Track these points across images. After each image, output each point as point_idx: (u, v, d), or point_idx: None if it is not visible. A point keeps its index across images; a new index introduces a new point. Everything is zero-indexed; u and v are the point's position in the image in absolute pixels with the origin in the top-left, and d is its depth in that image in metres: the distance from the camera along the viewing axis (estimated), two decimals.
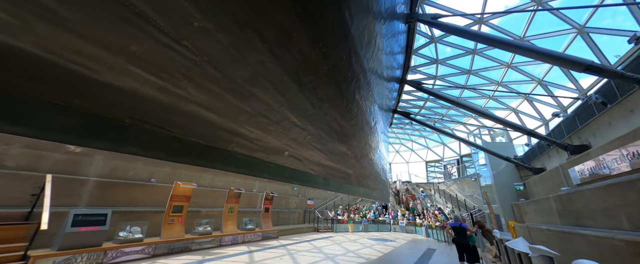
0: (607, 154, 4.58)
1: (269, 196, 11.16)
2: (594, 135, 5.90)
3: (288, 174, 3.78)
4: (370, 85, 5.71)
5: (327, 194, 19.25)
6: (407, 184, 21.63)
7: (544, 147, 8.96)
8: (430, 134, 22.01)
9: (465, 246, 5.75)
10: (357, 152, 6.49)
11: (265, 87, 2.53)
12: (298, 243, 9.56)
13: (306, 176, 4.44)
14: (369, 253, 8.20)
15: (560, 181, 7.04)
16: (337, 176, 5.76)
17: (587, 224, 5.10)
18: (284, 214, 14.21)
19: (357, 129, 5.97)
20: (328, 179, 5.42)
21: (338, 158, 5.50)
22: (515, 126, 7.08)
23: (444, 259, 7.75)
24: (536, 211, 8.41)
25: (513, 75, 10.34)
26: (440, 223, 14.02)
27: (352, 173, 6.80)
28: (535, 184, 9.32)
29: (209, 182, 10.35)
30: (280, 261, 6.30)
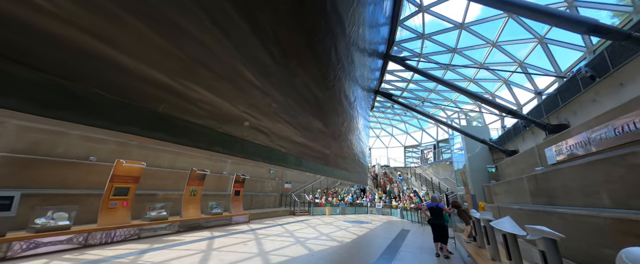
0: (591, 130, 4.35)
1: (240, 178, 10.30)
2: (574, 114, 5.76)
3: (251, 150, 2.96)
4: (350, 50, 4.92)
5: (305, 177, 18.80)
6: (386, 168, 21.89)
7: (519, 130, 8.99)
8: (410, 119, 22.12)
9: (441, 226, 5.50)
10: (335, 131, 5.81)
11: (199, 19, 1.61)
12: (270, 226, 8.97)
13: (274, 153, 3.66)
14: (343, 235, 7.85)
15: (534, 161, 7.02)
16: (312, 156, 5.07)
17: (562, 203, 4.99)
18: (259, 197, 13.52)
19: (335, 102, 5.22)
20: (301, 159, 4.71)
21: (313, 136, 4.78)
22: (497, 104, 6.81)
23: (417, 240, 7.63)
24: (507, 192, 8.54)
25: (496, 56, 10.11)
26: (415, 205, 14.30)
27: (329, 154, 6.14)
28: (507, 166, 9.46)
29: (170, 162, 9.19)
30: (243, 246, 5.63)
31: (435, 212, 5.61)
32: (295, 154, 4.52)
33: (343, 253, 5.54)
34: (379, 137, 27.02)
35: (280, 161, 3.89)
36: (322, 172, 6.17)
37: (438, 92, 14.56)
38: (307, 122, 4.19)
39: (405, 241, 7.19)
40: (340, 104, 5.76)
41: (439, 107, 17.42)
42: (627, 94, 4.09)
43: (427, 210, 5.82)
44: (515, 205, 6.97)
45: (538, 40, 7.90)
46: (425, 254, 5.68)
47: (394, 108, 20.18)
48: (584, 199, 4.30)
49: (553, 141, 5.93)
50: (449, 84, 7.32)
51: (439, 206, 5.55)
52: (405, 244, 6.70)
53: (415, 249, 6.13)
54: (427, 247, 6.50)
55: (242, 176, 10.44)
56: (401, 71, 13.70)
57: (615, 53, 4.26)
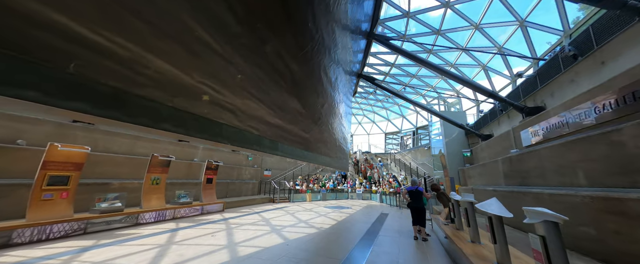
0: (570, 110, 4.28)
1: (212, 165, 9.51)
2: (552, 95, 5.79)
3: (215, 131, 2.33)
4: (331, 20, 4.29)
5: (286, 164, 18.33)
6: (367, 155, 22.10)
7: (495, 114, 9.16)
8: (392, 105, 22.23)
9: (420, 209, 5.37)
10: (315, 113, 5.29)
11: None
12: (246, 215, 8.46)
13: (245, 136, 3.05)
14: (322, 221, 7.60)
15: (509, 144, 7.14)
16: (290, 140, 4.53)
17: (535, 183, 5.05)
18: (235, 185, 12.83)
19: (314, 80, 4.64)
20: (278, 142, 4.16)
21: (290, 117, 4.22)
22: (479, 86, 6.71)
23: (396, 223, 7.62)
24: (481, 175, 8.79)
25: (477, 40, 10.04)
26: (394, 189, 14.59)
27: (309, 138, 5.64)
28: (482, 149, 9.72)
29: (127, 148, 8.12)
30: (211, 238, 5.09)
31: (415, 195, 5.47)
32: (271, 137, 3.94)
33: (320, 240, 5.24)
34: (360, 123, 27.07)
35: (253, 144, 3.29)
36: (302, 158, 5.68)
37: (419, 77, 14.50)
38: (283, 101, 3.60)
39: (384, 225, 7.12)
40: (319, 83, 5.21)
41: (420, 94, 17.55)
42: (607, 73, 4.03)
43: (406, 193, 5.66)
44: (489, 187, 7.13)
45: (519, 23, 7.84)
46: (404, 237, 5.58)
47: (376, 94, 20.04)
48: (558, 179, 4.31)
49: (529, 123, 5.97)
50: (433, 66, 7.05)
51: (418, 190, 5.40)
52: (384, 228, 6.61)
53: (393, 233, 6.03)
54: (405, 230, 6.45)
55: (215, 163, 9.65)
56: (385, 54, 13.32)
57: (601, 28, 4.16)
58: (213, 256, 3.94)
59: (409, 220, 8.39)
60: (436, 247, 4.85)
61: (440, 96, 15.07)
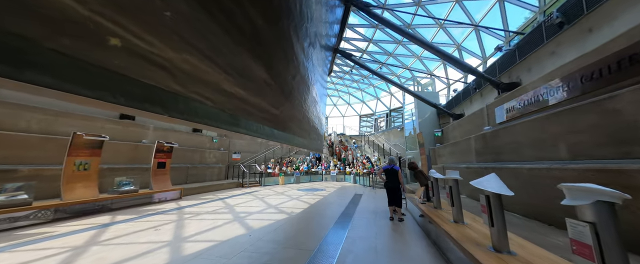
0: (551, 82, 4.07)
1: (164, 147, 8.13)
2: (529, 70, 5.69)
3: (136, 94, 1.33)
4: None
5: (257, 147, 17.21)
6: (341, 136, 21.93)
7: (469, 92, 9.20)
8: (367, 86, 21.96)
9: (395, 189, 5.03)
10: (285, 85, 4.37)
11: None
12: (207, 202, 7.48)
13: (189, 105, 2.09)
14: (293, 206, 7.01)
15: (481, 122, 7.14)
16: (256, 115, 3.62)
17: (509, 159, 4.98)
18: (197, 170, 11.53)
19: (284, 43, 3.67)
20: (239, 117, 3.22)
21: (255, 87, 3.27)
22: (458, 60, 6.39)
23: (370, 204, 7.39)
24: (452, 153, 8.93)
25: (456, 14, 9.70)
26: (367, 170, 14.67)
27: (279, 115, 4.74)
28: (453, 129, 9.87)
29: (44, 126, 6.36)
30: (153, 233, 4.13)
31: (391, 174, 5.09)
32: (231, 111, 2.94)
33: (290, 227, 4.63)
34: (335, 105, 26.59)
35: (204, 118, 2.28)
36: (272, 137, 4.81)
37: (396, 56, 14.12)
38: (245, 66, 2.63)
39: (359, 207, 6.81)
40: (290, 48, 4.23)
41: (395, 74, 17.38)
42: (593, 42, 3.83)
43: (382, 172, 5.27)
44: (462, 164, 7.16)
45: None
46: (380, 218, 5.26)
47: (352, 73, 19.42)
48: (534, 154, 4.19)
49: (504, 99, 5.87)
50: (414, 38, 6.49)
51: (394, 168, 5.03)
52: (358, 210, 6.27)
53: (369, 215, 5.70)
54: (380, 211, 6.19)
55: (168, 145, 8.26)
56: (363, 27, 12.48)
57: None
58: (147, 259, 3.05)
59: (384, 200, 8.29)
60: (413, 227, 4.58)
61: (414, 77, 15.01)
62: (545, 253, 2.12)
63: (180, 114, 1.82)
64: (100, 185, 6.63)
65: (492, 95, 7.45)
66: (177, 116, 1.82)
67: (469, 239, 2.56)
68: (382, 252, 3.31)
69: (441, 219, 3.53)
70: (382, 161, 16.11)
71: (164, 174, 8.15)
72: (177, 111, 1.77)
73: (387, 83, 19.32)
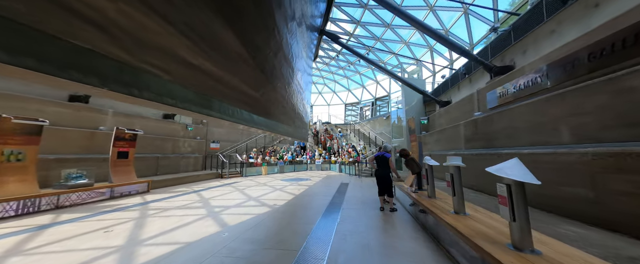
0: (554, 62, 3.81)
1: (125, 134, 7.09)
2: (523, 53, 5.49)
3: (54, 58, 0.61)
4: None
5: (237, 136, 16.25)
6: (327, 125, 21.50)
7: (456, 79, 9.04)
8: (353, 74, 21.46)
9: (385, 177, 4.69)
10: (265, 62, 3.69)
11: None
12: (178, 195, 6.71)
13: (139, 78, 1.39)
14: (277, 197, 6.50)
15: (471, 108, 6.98)
16: (232, 98, 2.96)
17: (504, 145, 4.80)
18: (169, 160, 10.50)
19: (263, 10, 2.97)
20: (211, 98, 2.54)
21: (228, 63, 2.57)
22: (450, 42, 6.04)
23: (358, 193, 7.09)
24: (438, 141, 8.83)
25: None
26: (353, 159, 14.48)
27: (259, 98, 4.08)
28: (439, 116, 9.76)
29: None
30: (101, 236, 3.40)
31: (381, 161, 4.73)
32: (200, 90, 2.25)
33: (272, 223, 4.12)
34: (321, 93, 25.92)
35: (160, 95, 1.58)
36: (252, 124, 4.14)
37: (383, 41, 13.64)
38: (212, 33, 1.93)
39: (346, 196, 6.46)
40: (271, 18, 3.52)
41: (382, 62, 17.01)
42: (599, 18, 3.59)
43: (373, 160, 4.90)
44: (450, 151, 7.02)
45: None
46: (369, 209, 4.93)
47: (338, 59, 18.74)
48: (531, 138, 3.99)
49: (497, 83, 5.67)
50: (405, 15, 5.99)
51: (384, 155, 4.67)
52: (346, 200, 5.91)
53: (357, 205, 5.35)
54: (369, 200, 5.88)
55: (131, 132, 7.23)
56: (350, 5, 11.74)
57: None
58: None
59: (371, 189, 8.07)
60: (405, 218, 4.29)
61: (401, 64, 14.73)
62: (574, 251, 1.81)
63: (125, 87, 1.21)
64: (46, 178, 5.59)
65: (483, 80, 7.29)
66: (121, 89, 1.20)
67: (480, 234, 2.22)
68: (376, 249, 2.93)
69: (440, 210, 3.21)
70: (369, 149, 16.00)
71: (127, 165, 7.16)
72: (120, 82, 1.17)
73: (373, 71, 18.96)
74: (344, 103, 25.29)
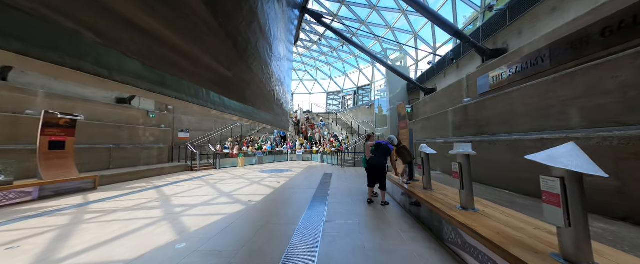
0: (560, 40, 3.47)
1: (59, 120, 5.72)
2: (519, 34, 5.22)
3: None
4: None
5: (210, 124, 14.86)
6: (308, 114, 20.73)
7: (443, 65, 8.79)
8: (335, 61, 20.70)
9: (381, 168, 4.21)
10: (238, 34, 2.83)
11: None
12: (134, 193, 5.65)
13: (67, 41, 0.58)
14: (253, 192, 5.76)
15: (459, 94, 6.73)
16: (193, 73, 2.11)
17: (498, 131, 4.54)
18: (127, 151, 9.09)
19: None
20: (164, 73, 1.67)
21: (188, 26, 1.71)
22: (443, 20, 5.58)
23: (343, 184, 6.62)
24: (423, 129, 8.63)
25: None
26: (336, 149, 14.05)
27: (232, 77, 3.20)
28: (424, 104, 9.56)
29: None
30: (4, 253, 2.44)
31: (382, 151, 4.24)
32: (143, 58, 1.32)
33: (245, 226, 3.42)
34: (302, 81, 24.87)
35: (80, 59, 0.66)
36: (223, 108, 3.23)
37: (368, 25, 13.00)
38: None
39: (331, 189, 5.93)
40: None
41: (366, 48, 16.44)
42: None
43: (371, 145, 4.44)
44: (438, 139, 6.77)
45: None
46: (358, 202, 4.43)
47: (320, 44, 17.79)
48: (534, 123, 3.71)
49: (489, 67, 5.39)
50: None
51: (389, 146, 4.21)
52: (332, 193, 5.37)
53: (344, 199, 4.83)
54: (356, 192, 5.41)
55: (65, 117, 5.85)
56: None
57: None
58: None
59: (356, 179, 7.65)
60: (398, 212, 3.86)
61: (385, 50, 14.30)
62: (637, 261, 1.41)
63: (49, 52, 0.76)
64: None
65: (472, 65, 7.06)
66: (44, 55, 0.76)
67: (511, 240, 1.75)
68: (374, 255, 2.40)
69: (443, 204, 2.77)
70: (351, 139, 15.67)
71: (64, 157, 5.84)
72: (42, 46, 0.75)
73: (356, 57, 18.37)
74: (326, 91, 24.59)
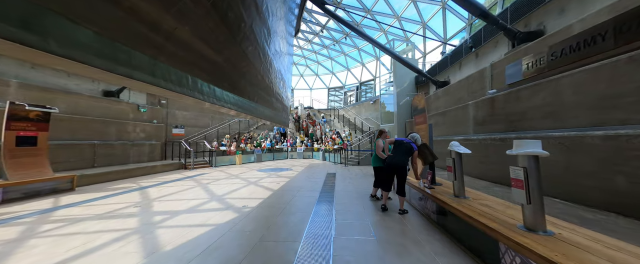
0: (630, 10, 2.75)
1: (29, 113, 5.02)
2: (561, 12, 4.48)
3: None
4: None
5: (207, 120, 14.15)
6: (309, 110, 20.01)
7: (459, 55, 8.05)
8: (338, 55, 19.90)
9: (401, 168, 3.53)
10: (230, 9, 2.19)
11: None
12: (112, 195, 4.98)
13: None
14: (249, 194, 5.09)
15: (479, 86, 6.01)
16: (173, 55, 1.42)
17: (541, 126, 3.83)
18: (114, 148, 8.42)
19: None
20: (129, 49, 0.99)
21: (174, 7, 1.02)
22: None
23: (349, 186, 5.95)
24: (436, 125, 7.90)
25: None
26: (338, 146, 13.37)
27: (223, 63, 2.63)
28: (436, 98, 8.83)
29: None
30: None
31: (403, 148, 3.57)
32: (110, 35, 1.16)
33: (234, 242, 2.74)
34: (302, 76, 24.09)
35: (66, 46, 0.95)
36: (214, 99, 2.48)
37: (373, 13, 12.20)
38: None
39: (337, 191, 5.25)
40: None
41: None
42: None
43: (390, 143, 3.77)
44: (456, 136, 6.07)
45: None
46: (371, 210, 3.75)
47: (321, 36, 16.99)
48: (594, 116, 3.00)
49: (522, 52, 4.66)
50: None
51: (412, 146, 3.54)
52: (338, 196, 4.69)
53: (354, 203, 4.15)
54: (365, 194, 4.74)
55: (36, 109, 5.15)
56: None
57: None
58: None
59: (362, 179, 6.93)
60: (420, 222, 3.17)
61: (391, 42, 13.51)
62: None
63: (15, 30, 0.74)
64: None
65: (495, 53, 6.33)
66: None
67: None
68: None
69: (497, 223, 2.07)
70: (355, 136, 14.97)
71: (36, 155, 5.15)
72: None
73: (359, 51, 17.57)
74: (327, 87, 23.80)
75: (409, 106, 11.04)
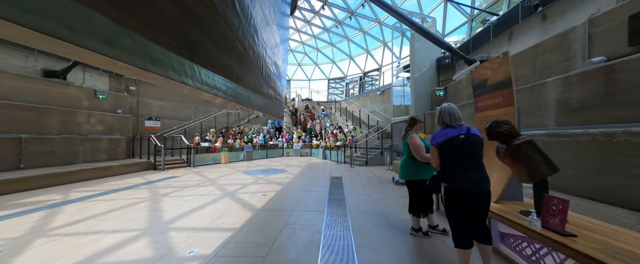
0: None
1: None
2: None
3: None
4: None
5: (189, 111, 12.19)
6: (307, 102, 18.07)
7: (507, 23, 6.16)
8: (340, 41, 17.89)
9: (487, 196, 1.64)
10: None
11: None
12: (26, 213, 3.06)
13: None
14: (212, 220, 3.21)
15: (561, 57, 4.15)
16: (146, 24, 0.73)
17: None
18: (53, 144, 6.47)
19: None
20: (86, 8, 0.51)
21: None
22: None
23: (368, 204, 4.08)
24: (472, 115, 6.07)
25: None
26: (341, 143, 11.53)
27: (202, 34, 1.14)
28: (468, 83, 6.95)
29: None
30: None
31: (468, 150, 1.67)
32: None
33: None
34: (300, 65, 22.04)
35: None
36: (188, 78, 0.46)
37: None
38: None
39: (351, 213, 3.39)
40: None
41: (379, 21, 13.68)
42: None
43: (437, 147, 1.80)
44: (528, 130, 4.21)
45: None
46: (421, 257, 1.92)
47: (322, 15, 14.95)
48: None
49: None
50: None
51: (477, 138, 1.66)
52: (360, 241, 2.83)
53: (391, 247, 2.31)
54: (398, 221, 2.88)
55: None
56: None
57: None
58: None
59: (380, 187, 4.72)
60: None
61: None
62: None
63: None
64: None
65: (579, 12, 4.47)
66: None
67: None
68: None
69: None
70: (359, 131, 13.13)
71: None
72: None
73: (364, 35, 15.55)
74: (327, 78, 21.80)
75: (427, 96, 9.19)
